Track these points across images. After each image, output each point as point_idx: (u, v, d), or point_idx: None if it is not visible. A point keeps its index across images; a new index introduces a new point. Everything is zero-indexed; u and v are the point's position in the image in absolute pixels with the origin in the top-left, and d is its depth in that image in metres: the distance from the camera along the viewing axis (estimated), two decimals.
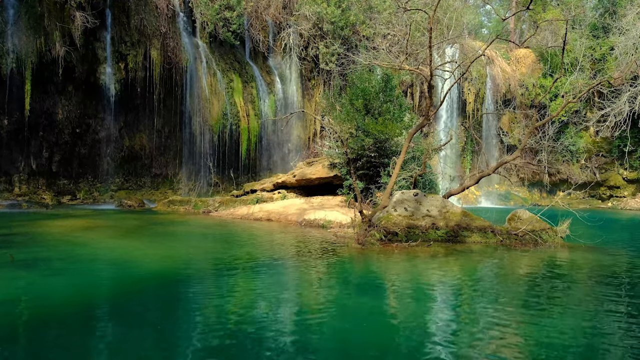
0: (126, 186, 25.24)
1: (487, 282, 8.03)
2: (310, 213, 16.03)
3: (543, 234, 11.59)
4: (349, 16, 27.58)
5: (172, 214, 18.75)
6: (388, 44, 27.01)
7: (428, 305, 6.40)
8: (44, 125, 22.57)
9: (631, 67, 25.97)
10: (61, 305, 5.95)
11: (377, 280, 7.91)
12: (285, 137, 27.61)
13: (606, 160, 30.11)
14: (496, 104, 30.77)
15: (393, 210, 11.87)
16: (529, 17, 36.46)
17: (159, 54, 23.53)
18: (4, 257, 8.48)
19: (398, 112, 17.83)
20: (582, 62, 27.72)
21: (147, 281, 7.36)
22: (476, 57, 14.45)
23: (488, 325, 5.38)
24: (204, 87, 24.52)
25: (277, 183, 20.74)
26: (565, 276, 8.28)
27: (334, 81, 28.11)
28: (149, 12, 23.32)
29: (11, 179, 22.37)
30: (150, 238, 12.24)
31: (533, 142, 24.31)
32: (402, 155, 11.80)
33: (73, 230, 12.99)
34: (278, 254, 10.04)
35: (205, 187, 24.91)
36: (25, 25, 20.53)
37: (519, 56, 31.94)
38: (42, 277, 7.33)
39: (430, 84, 11.70)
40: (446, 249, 10.47)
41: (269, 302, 6.16)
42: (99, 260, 9.07)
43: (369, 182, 16.83)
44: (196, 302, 6.21)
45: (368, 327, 5.33)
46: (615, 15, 28.60)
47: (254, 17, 26.79)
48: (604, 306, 6.21)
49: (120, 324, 5.41)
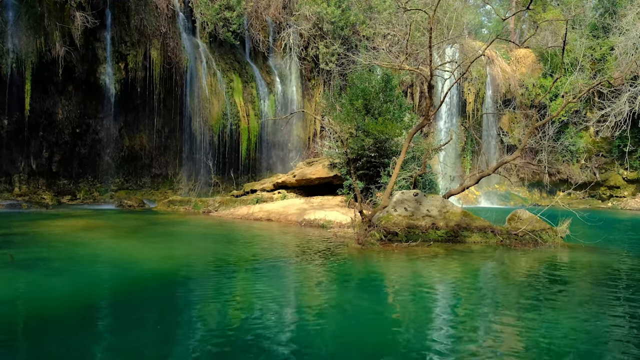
0: (126, 186, 25.25)
1: (487, 282, 8.04)
2: (310, 213, 16.03)
3: (543, 234, 11.59)
4: (349, 16, 27.58)
5: (172, 214, 18.75)
6: (388, 44, 27.01)
7: (428, 305, 6.40)
8: (44, 125, 22.57)
9: (631, 67, 25.97)
10: (61, 305, 5.95)
11: (377, 281, 7.91)
12: (285, 137, 27.61)
13: (606, 160, 30.11)
14: (496, 104, 30.77)
15: (393, 210, 11.88)
16: (529, 17, 36.47)
17: (159, 54, 23.54)
18: (4, 257, 8.48)
19: (398, 112, 17.83)
20: (582, 62, 27.73)
21: (147, 281, 7.36)
22: (476, 57, 14.45)
23: (488, 325, 5.38)
24: (204, 87, 24.52)
25: (277, 183, 20.74)
26: (565, 276, 8.29)
27: (334, 81, 28.11)
28: (149, 12, 23.32)
29: (11, 179, 22.37)
30: (150, 238, 12.24)
31: (533, 142, 24.32)
32: (402, 155, 11.80)
33: (73, 230, 12.99)
34: (278, 254, 10.04)
35: (205, 187, 24.90)
36: (25, 25, 20.53)
37: (519, 56, 31.95)
38: (42, 277, 7.33)
39: (430, 84, 11.69)
40: (446, 249, 10.47)
41: (268, 302, 6.16)
42: (99, 260, 9.07)
43: (369, 182, 16.83)
44: (196, 302, 6.21)
45: (368, 327, 5.33)
46: (615, 15, 28.60)
47: (254, 17, 26.79)
48: (604, 306, 6.21)
49: (120, 324, 5.41)
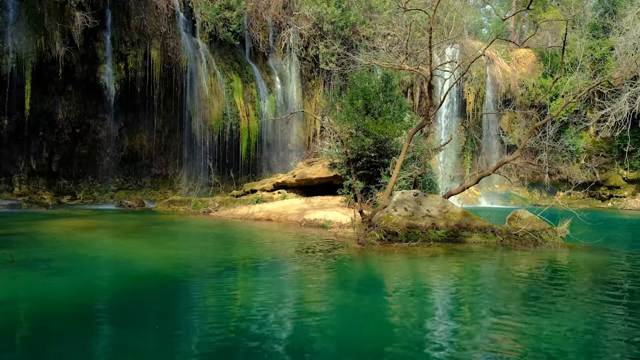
0: (126, 186, 25.24)
1: (487, 282, 8.04)
2: (310, 213, 16.03)
3: (543, 234, 11.58)
4: (349, 16, 27.57)
5: (172, 214, 18.75)
6: (388, 44, 27.01)
7: (428, 305, 6.40)
8: (44, 125, 22.56)
9: (631, 67, 25.97)
10: (61, 305, 5.95)
11: (377, 280, 7.91)
12: (285, 137, 27.59)
13: (606, 160, 30.09)
14: (496, 104, 30.76)
15: (393, 210, 11.87)
16: (529, 17, 36.46)
17: (159, 54, 23.53)
18: (4, 257, 8.48)
19: (398, 112, 17.82)
20: (582, 62, 27.72)
21: (147, 281, 7.36)
22: (476, 57, 14.45)
23: (488, 325, 5.38)
24: (204, 87, 24.52)
25: (277, 183, 20.73)
26: (565, 276, 8.29)
27: (334, 81, 28.11)
28: (149, 12, 23.31)
29: (11, 179, 22.37)
30: (150, 238, 12.24)
31: (533, 142, 24.30)
32: (402, 155, 11.80)
33: (73, 230, 12.99)
34: (278, 254, 10.04)
35: (205, 187, 24.90)
36: (25, 25, 20.52)
37: (519, 56, 31.95)
38: (42, 277, 7.33)
39: (430, 84, 11.70)
40: (446, 249, 10.47)
41: (268, 302, 6.16)
42: (99, 260, 9.07)
43: (369, 182, 16.83)
44: (196, 302, 6.22)
45: (368, 327, 5.33)
46: (615, 15, 28.59)
47: (253, 17, 26.78)
48: (604, 306, 6.20)
49: (120, 323, 5.41)
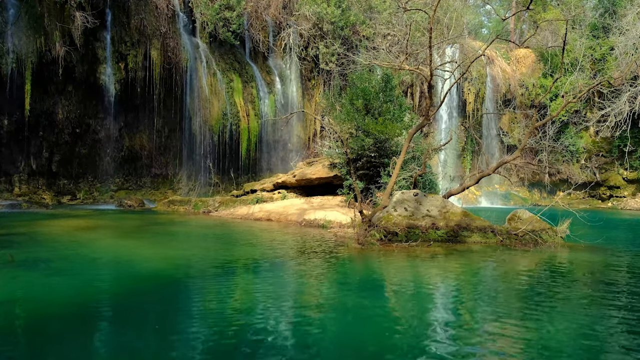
0: (126, 186, 25.24)
1: (487, 282, 8.04)
2: (310, 213, 16.03)
3: (543, 234, 11.58)
4: (349, 16, 27.57)
5: (172, 214, 18.75)
6: (388, 44, 27.02)
7: (428, 305, 6.40)
8: (44, 125, 22.57)
9: (631, 67, 25.98)
10: (61, 305, 5.95)
11: (377, 280, 7.91)
12: (285, 137, 27.60)
13: (606, 160, 30.10)
14: (496, 104, 30.77)
15: (393, 210, 11.87)
16: (529, 17, 36.47)
17: (159, 54, 23.54)
18: (4, 257, 8.48)
19: (398, 112, 17.82)
20: (582, 62, 27.72)
21: (147, 281, 7.36)
22: (476, 57, 14.44)
23: (488, 325, 5.38)
24: (204, 87, 24.52)
25: (277, 183, 20.73)
26: (565, 276, 8.29)
27: (334, 81, 28.11)
28: (149, 12, 23.31)
29: (11, 179, 22.37)
30: (151, 238, 12.24)
31: (533, 142, 24.30)
32: (402, 155, 11.80)
33: (73, 230, 12.99)
34: (278, 254, 10.04)
35: (205, 187, 24.90)
36: (25, 25, 20.52)
37: (519, 56, 31.95)
38: (42, 277, 7.33)
39: (430, 84, 11.69)
40: (446, 249, 10.47)
41: (268, 302, 6.16)
42: (99, 260, 9.07)
43: (369, 182, 16.83)
44: (196, 302, 6.22)
45: (368, 327, 5.33)
46: (615, 15, 28.59)
47: (253, 17, 26.78)
48: (604, 306, 6.20)
49: (120, 324, 5.42)
